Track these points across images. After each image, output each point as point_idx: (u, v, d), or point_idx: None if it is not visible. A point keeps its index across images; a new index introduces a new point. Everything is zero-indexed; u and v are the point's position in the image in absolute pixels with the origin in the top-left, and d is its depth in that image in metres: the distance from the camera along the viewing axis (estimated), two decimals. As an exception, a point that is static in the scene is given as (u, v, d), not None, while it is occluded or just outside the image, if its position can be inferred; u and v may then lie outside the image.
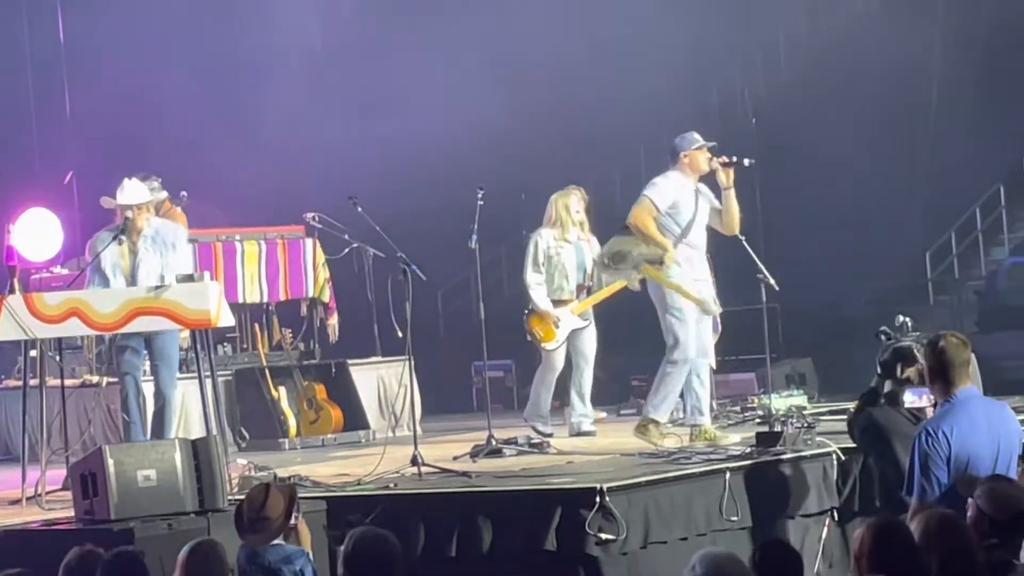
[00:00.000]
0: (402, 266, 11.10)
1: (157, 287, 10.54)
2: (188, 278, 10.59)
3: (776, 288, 11.57)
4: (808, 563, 9.57)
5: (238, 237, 14.24)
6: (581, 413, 12.98)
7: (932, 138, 22.03)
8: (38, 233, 16.01)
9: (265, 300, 14.39)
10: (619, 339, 14.69)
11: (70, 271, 13.88)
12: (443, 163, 19.01)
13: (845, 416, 10.02)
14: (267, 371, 13.81)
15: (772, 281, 11.54)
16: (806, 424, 11.16)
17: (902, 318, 9.65)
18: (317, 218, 13.86)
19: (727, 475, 9.70)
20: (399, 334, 11.46)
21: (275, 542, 7.57)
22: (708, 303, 11.46)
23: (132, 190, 11.27)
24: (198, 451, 9.00)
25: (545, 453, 11.49)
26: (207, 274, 10.81)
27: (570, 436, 12.78)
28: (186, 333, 11.53)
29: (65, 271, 14.29)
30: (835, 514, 10.17)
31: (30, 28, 17.96)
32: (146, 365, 11.61)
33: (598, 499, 9.00)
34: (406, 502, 9.58)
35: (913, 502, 7.63)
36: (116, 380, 11.90)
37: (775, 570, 6.14)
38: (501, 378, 16.62)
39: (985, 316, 19.10)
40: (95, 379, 13.35)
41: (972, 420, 7.74)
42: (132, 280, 11.15)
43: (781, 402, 13.25)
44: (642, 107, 21.05)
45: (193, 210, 13.61)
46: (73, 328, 10.57)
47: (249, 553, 7.54)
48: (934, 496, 7.57)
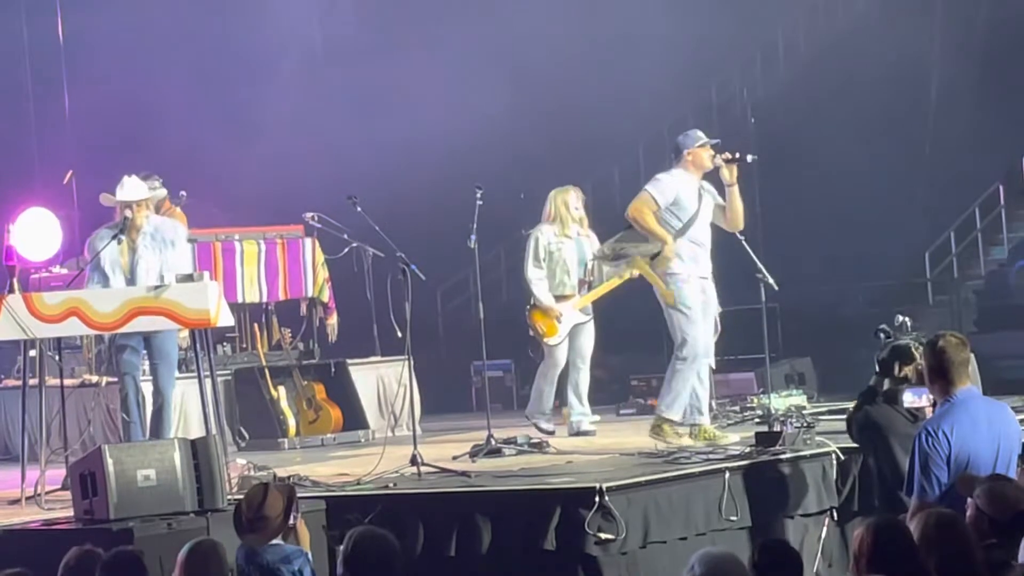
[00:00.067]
0: (401, 266, 11.08)
1: (157, 287, 10.52)
2: (188, 278, 10.57)
3: (775, 288, 11.56)
4: (807, 563, 9.57)
5: (237, 237, 14.24)
6: (580, 412, 12.98)
7: (932, 138, 22.03)
8: (37, 233, 15.97)
9: (264, 300, 14.38)
10: (618, 338, 14.69)
11: (69, 271, 13.88)
12: (442, 163, 19.00)
13: (844, 416, 10.01)
14: (266, 371, 13.80)
15: (771, 281, 11.53)
16: (805, 424, 11.16)
17: (901, 318, 9.66)
18: (316, 218, 13.84)
19: (726, 475, 9.69)
20: (398, 334, 11.44)
21: (274, 542, 7.55)
22: (670, 295, 11.35)
23: (132, 187, 11.25)
24: (197, 451, 9.00)
25: (544, 453, 11.48)
26: (206, 274, 10.79)
27: (569, 436, 12.78)
28: (185, 333, 11.52)
29: (64, 271, 14.29)
30: (834, 514, 10.17)
31: (29, 28, 17.94)
32: (145, 365, 11.60)
33: (597, 499, 8.99)
34: (405, 502, 9.57)
35: (913, 502, 7.63)
36: (115, 380, 11.89)
37: (774, 570, 6.12)
38: (500, 378, 16.63)
39: (984, 316, 19.10)
40: (94, 379, 13.36)
41: (972, 420, 7.74)
42: (131, 277, 11.12)
43: (780, 402, 13.25)
44: (642, 107, 21.08)
45: (192, 210, 13.60)
46: (72, 328, 10.55)
47: (248, 553, 7.53)
48: (934, 496, 7.57)
